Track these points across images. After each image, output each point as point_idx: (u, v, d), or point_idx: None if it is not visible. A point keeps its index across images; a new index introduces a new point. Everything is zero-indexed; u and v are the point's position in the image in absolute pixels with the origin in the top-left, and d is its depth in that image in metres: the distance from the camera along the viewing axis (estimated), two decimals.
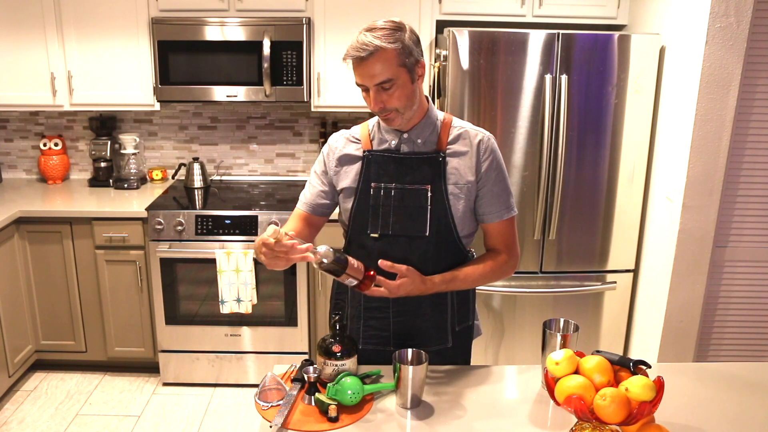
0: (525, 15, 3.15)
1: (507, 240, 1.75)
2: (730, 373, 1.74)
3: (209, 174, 3.70)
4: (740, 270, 2.77)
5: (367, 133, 1.74)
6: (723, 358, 2.90)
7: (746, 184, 2.68)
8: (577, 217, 2.96)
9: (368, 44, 1.53)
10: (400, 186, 1.67)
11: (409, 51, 1.58)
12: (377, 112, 1.61)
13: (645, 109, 2.86)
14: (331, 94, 3.25)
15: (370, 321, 1.76)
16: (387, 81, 1.55)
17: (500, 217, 1.71)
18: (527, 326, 3.10)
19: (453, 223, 1.68)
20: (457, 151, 1.68)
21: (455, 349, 1.81)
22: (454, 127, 1.71)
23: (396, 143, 1.69)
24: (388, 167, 1.68)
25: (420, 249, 1.67)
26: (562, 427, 1.48)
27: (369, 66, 1.54)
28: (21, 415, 3.03)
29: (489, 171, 1.68)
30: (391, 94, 1.57)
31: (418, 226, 1.67)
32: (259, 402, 1.54)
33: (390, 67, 1.54)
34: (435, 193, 1.66)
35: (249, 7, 3.14)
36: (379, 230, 1.67)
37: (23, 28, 3.17)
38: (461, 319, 1.80)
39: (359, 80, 1.58)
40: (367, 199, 1.69)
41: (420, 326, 1.75)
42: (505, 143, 2.85)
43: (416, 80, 1.61)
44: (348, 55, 1.56)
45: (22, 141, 3.69)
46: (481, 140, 1.70)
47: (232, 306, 3.07)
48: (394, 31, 1.56)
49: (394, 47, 1.54)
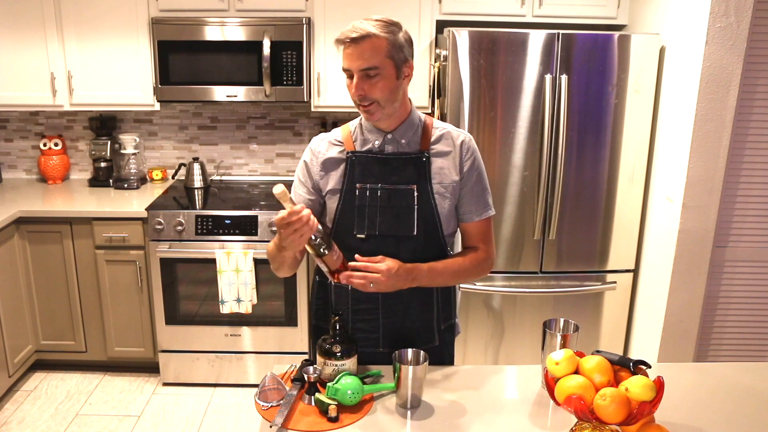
0: (525, 15, 3.15)
1: (485, 238, 1.78)
2: (730, 373, 1.74)
3: (209, 174, 3.70)
4: (740, 270, 2.77)
5: (348, 135, 1.74)
6: (723, 358, 2.90)
7: (746, 184, 2.68)
8: (577, 217, 2.96)
9: (361, 29, 1.55)
10: (386, 186, 1.68)
11: (400, 46, 1.60)
12: (357, 100, 1.61)
13: (645, 109, 2.86)
14: (331, 94, 3.26)
15: (358, 323, 1.76)
16: (372, 68, 1.56)
17: (480, 216, 1.74)
18: (527, 326, 3.10)
19: (439, 222, 1.70)
20: (441, 151, 1.70)
21: (441, 348, 1.83)
22: (436, 128, 1.73)
23: (380, 144, 1.69)
24: (373, 168, 1.69)
25: (408, 248, 1.69)
26: (562, 427, 1.48)
27: (358, 49, 1.55)
28: (21, 415, 3.03)
29: (471, 171, 1.71)
30: (374, 84, 1.57)
31: (405, 226, 1.68)
32: (259, 402, 1.54)
33: (378, 55, 1.56)
34: (421, 192, 1.68)
35: (249, 7, 3.14)
36: (365, 231, 1.68)
37: (23, 28, 3.17)
38: (446, 317, 1.83)
39: (346, 64, 1.58)
40: (352, 200, 1.69)
41: (409, 326, 1.76)
42: (505, 143, 2.86)
43: (402, 78, 1.63)
44: (341, 35, 1.57)
45: (22, 141, 3.70)
46: (463, 141, 1.72)
47: (232, 306, 3.08)
48: (389, 25, 1.59)
49: (386, 37, 1.57)
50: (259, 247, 3.07)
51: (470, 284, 2.99)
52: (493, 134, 2.85)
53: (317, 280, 1.84)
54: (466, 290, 3.01)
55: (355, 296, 1.73)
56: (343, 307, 1.76)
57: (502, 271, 3.02)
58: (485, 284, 3.01)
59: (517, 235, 2.97)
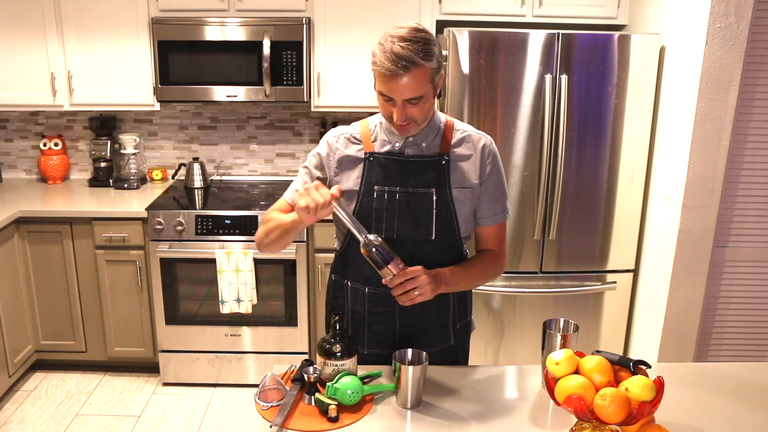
0: (525, 15, 3.15)
1: (501, 242, 1.76)
2: (730, 373, 1.74)
3: (209, 174, 3.70)
4: (740, 270, 2.77)
5: (368, 132, 1.70)
6: (723, 358, 2.90)
7: (746, 184, 2.68)
8: (577, 217, 2.96)
9: (406, 58, 1.46)
10: (404, 189, 1.65)
11: (440, 67, 1.54)
12: (397, 123, 1.57)
13: (645, 109, 2.86)
14: (331, 94, 3.26)
15: (375, 326, 1.75)
16: (417, 98, 1.52)
17: (497, 220, 1.73)
18: (527, 326, 3.10)
19: (457, 227, 1.68)
20: (461, 155, 1.67)
21: (456, 346, 1.82)
22: (457, 131, 1.70)
23: (400, 146, 1.66)
24: (392, 170, 1.65)
25: (425, 252, 1.66)
26: (562, 427, 1.48)
27: (403, 82, 1.48)
28: (21, 415, 3.03)
29: (491, 175, 1.69)
30: (416, 109, 1.54)
31: (424, 230, 1.66)
32: (259, 402, 1.54)
33: (423, 85, 1.50)
34: (440, 196, 1.65)
35: (249, 7, 3.14)
36: (383, 234, 1.65)
37: (23, 28, 3.17)
38: (461, 316, 1.81)
39: (387, 91, 1.51)
40: (370, 203, 1.66)
41: (425, 327, 1.75)
42: (505, 143, 2.86)
43: (437, 94, 1.60)
44: (382, 66, 1.48)
45: (22, 141, 3.69)
46: (484, 144, 1.69)
47: (232, 306, 3.08)
48: (430, 46, 1.50)
49: (430, 66, 1.50)
50: None
51: None
52: (493, 134, 2.81)
53: (333, 279, 1.83)
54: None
55: (372, 299, 1.72)
56: (359, 308, 1.75)
57: None
58: (485, 284, 3.01)
59: (517, 235, 2.97)
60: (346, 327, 1.78)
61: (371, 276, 1.65)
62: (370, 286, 1.71)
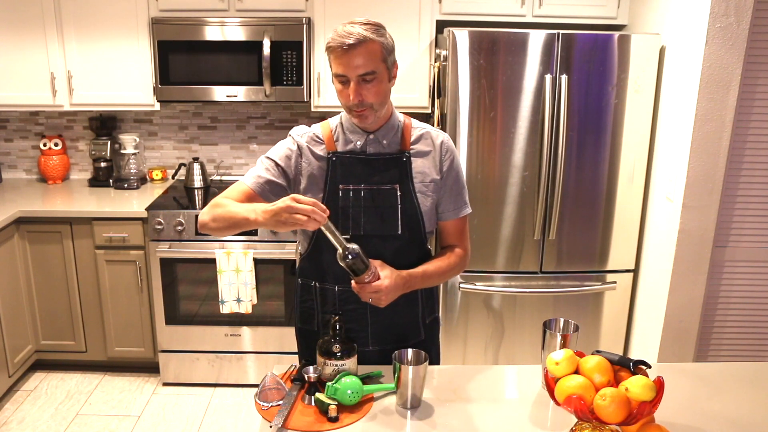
0: (525, 15, 3.15)
1: (462, 236, 1.82)
2: (730, 373, 1.74)
3: (209, 174, 3.70)
4: (740, 270, 2.77)
5: (329, 133, 1.73)
6: (723, 358, 2.90)
7: (746, 184, 2.67)
8: (577, 217, 2.96)
9: (357, 34, 1.55)
10: (369, 187, 1.69)
11: (390, 49, 1.63)
12: (354, 105, 1.60)
13: (645, 109, 2.86)
14: (331, 94, 3.25)
15: (347, 324, 1.76)
16: (370, 73, 1.57)
17: (458, 214, 1.78)
18: (527, 326, 3.10)
19: (422, 221, 1.72)
20: (421, 151, 1.73)
21: (427, 342, 1.85)
22: (415, 128, 1.76)
23: (362, 144, 1.70)
24: (355, 168, 1.70)
25: (392, 247, 1.70)
26: (562, 427, 1.48)
27: (355, 56, 1.55)
28: (21, 415, 3.03)
29: (450, 170, 1.75)
30: (370, 89, 1.59)
31: (389, 226, 1.70)
32: (259, 402, 1.54)
33: (374, 60, 1.57)
34: (404, 192, 1.70)
35: (249, 7, 3.14)
36: (350, 231, 1.68)
37: (23, 28, 3.17)
38: (430, 312, 1.86)
39: (342, 70, 1.57)
40: (336, 201, 1.69)
41: (397, 322, 1.78)
42: (505, 143, 2.86)
43: (391, 80, 1.65)
44: (334, 42, 1.56)
45: (22, 141, 3.70)
46: (443, 141, 1.75)
47: (232, 306, 3.08)
48: (378, 28, 1.61)
49: (380, 41, 1.59)
50: (259, 247, 3.07)
51: (470, 284, 2.99)
52: (493, 134, 2.85)
53: (300, 283, 1.84)
54: (466, 290, 3.00)
55: (342, 297, 1.74)
56: (330, 308, 1.76)
57: (502, 271, 3.02)
58: (485, 284, 3.02)
59: (517, 235, 2.97)
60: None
61: (340, 275, 1.65)
62: (340, 284, 1.73)
